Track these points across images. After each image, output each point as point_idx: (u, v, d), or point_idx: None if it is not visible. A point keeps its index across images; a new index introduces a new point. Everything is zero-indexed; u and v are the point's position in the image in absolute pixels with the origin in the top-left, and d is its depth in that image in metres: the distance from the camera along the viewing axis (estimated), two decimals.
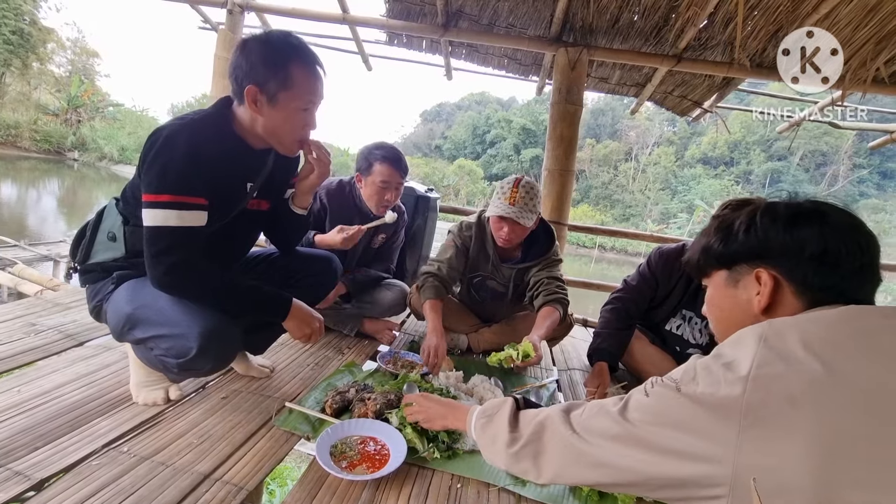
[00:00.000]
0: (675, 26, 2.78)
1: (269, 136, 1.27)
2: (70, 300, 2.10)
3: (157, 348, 1.22)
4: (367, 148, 2.11)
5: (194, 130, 1.16)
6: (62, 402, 1.30)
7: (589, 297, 3.68)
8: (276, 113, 1.22)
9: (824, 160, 33.09)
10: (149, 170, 1.14)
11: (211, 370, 1.34)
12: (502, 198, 1.89)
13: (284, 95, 1.20)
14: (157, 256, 1.15)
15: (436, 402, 1.27)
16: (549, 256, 2.08)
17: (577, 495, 1.23)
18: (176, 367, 1.21)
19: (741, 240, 0.81)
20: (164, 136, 1.14)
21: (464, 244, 2.11)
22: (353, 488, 1.13)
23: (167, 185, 1.13)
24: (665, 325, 2.02)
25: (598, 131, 43.61)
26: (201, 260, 1.19)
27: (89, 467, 1.06)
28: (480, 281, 2.17)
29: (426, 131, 54.97)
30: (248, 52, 1.18)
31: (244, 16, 3.47)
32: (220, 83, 3.40)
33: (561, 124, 3.05)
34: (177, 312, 1.18)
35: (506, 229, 1.91)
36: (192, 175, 1.15)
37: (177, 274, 1.16)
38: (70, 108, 25.77)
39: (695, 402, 0.68)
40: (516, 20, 3.08)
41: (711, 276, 0.88)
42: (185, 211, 1.15)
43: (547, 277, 2.04)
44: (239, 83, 1.20)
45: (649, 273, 2.00)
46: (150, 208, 1.14)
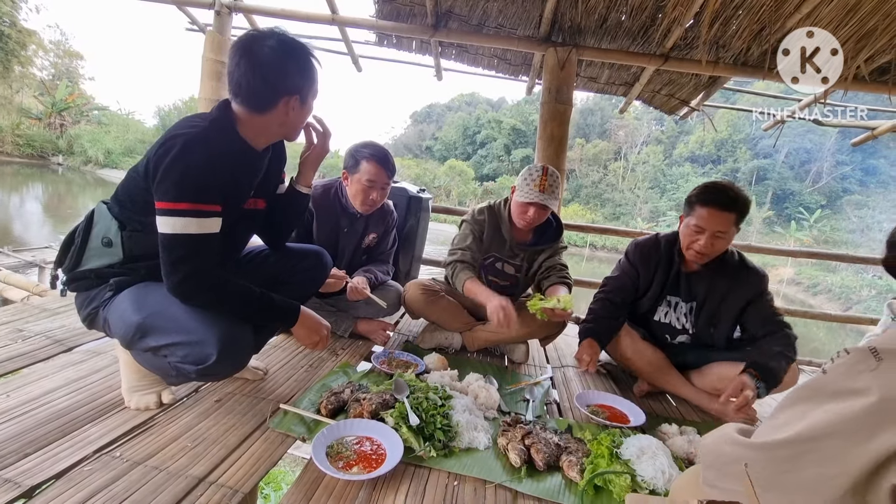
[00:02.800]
0: (662, 26, 2.82)
1: (282, 135, 1.35)
2: (57, 305, 2.06)
3: (172, 356, 1.21)
4: (354, 146, 2.11)
5: (210, 138, 1.18)
6: (52, 407, 1.28)
7: (581, 295, 3.70)
8: (304, 113, 1.32)
9: (808, 157, 33.64)
10: (165, 177, 1.13)
11: (227, 375, 1.36)
12: (532, 185, 2.00)
13: (312, 97, 1.31)
14: (175, 264, 1.16)
15: None
16: (559, 244, 2.24)
17: (573, 489, 1.24)
18: (194, 373, 1.21)
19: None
20: (181, 143, 1.14)
21: (480, 229, 2.21)
22: (350, 488, 1.12)
23: (186, 193, 1.14)
24: (654, 316, 2.05)
25: (588, 131, 43.91)
26: (216, 268, 1.21)
27: (81, 473, 1.05)
28: (492, 262, 2.25)
29: (416, 132, 54.92)
30: (281, 59, 1.21)
31: (232, 17, 3.45)
32: (208, 85, 3.37)
33: (551, 124, 3.07)
34: (191, 320, 1.18)
35: (531, 213, 2.03)
36: (209, 182, 1.17)
37: (194, 282, 1.18)
38: (54, 112, 25.36)
39: None
40: (506, 20, 3.09)
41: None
42: (203, 218, 1.17)
43: (558, 265, 2.20)
44: (271, 90, 1.22)
45: (629, 265, 2.06)
46: (168, 216, 1.14)
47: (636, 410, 1.73)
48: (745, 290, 1.87)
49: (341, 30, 3.53)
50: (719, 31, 2.80)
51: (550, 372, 2.13)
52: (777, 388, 1.73)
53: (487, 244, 2.21)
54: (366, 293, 2.00)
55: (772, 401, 2.22)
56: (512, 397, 1.79)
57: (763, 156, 34.54)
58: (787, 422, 0.71)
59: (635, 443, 1.37)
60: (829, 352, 11.04)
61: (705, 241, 1.77)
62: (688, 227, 1.83)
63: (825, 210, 29.70)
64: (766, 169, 34.01)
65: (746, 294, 1.87)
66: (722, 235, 1.75)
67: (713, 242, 1.76)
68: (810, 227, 28.22)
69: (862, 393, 0.63)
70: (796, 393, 0.73)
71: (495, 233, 2.20)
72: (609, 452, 1.33)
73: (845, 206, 30.64)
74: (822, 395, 0.68)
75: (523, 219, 2.07)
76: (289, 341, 2.02)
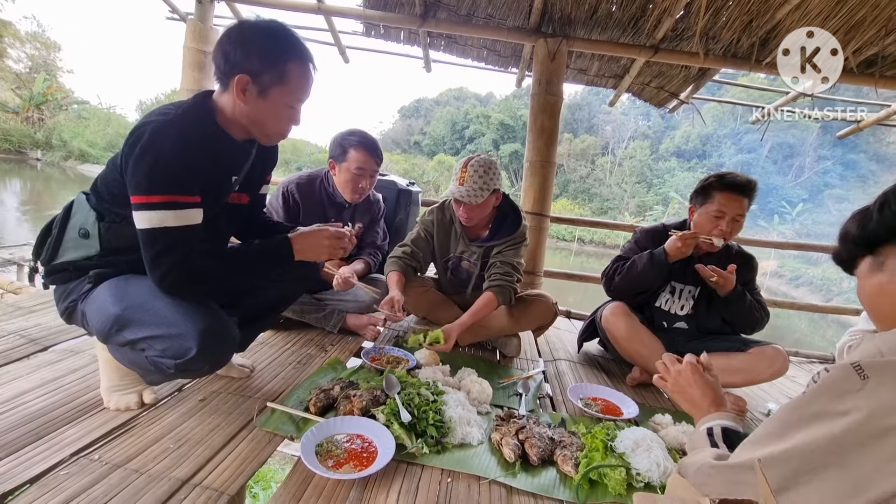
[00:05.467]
0: (653, 17, 2.80)
1: (251, 125, 1.24)
2: (33, 303, 1.99)
3: (150, 349, 1.16)
4: (340, 134, 2.07)
5: (180, 125, 1.12)
6: (26, 409, 1.22)
7: (570, 289, 3.71)
8: (264, 105, 1.19)
9: (791, 152, 34.24)
10: (136, 169, 1.08)
11: (208, 371, 1.28)
12: (454, 179, 1.97)
13: (277, 90, 1.19)
14: (156, 259, 1.12)
15: (701, 387, 1.08)
16: (515, 237, 2.07)
17: (568, 484, 1.23)
18: (173, 367, 1.15)
19: (876, 218, 0.76)
20: (150, 132, 1.08)
21: (426, 230, 2.17)
22: (341, 487, 1.09)
23: (159, 185, 1.09)
24: (655, 301, 2.10)
25: (576, 126, 44.09)
26: (199, 255, 1.16)
27: (57, 478, 1.00)
28: (455, 262, 2.19)
29: (405, 127, 54.56)
30: (244, 40, 1.14)
31: (214, 5, 3.35)
32: (189, 76, 3.27)
33: (541, 116, 3.05)
34: (172, 312, 1.13)
35: (461, 210, 1.99)
36: (182, 172, 1.11)
37: (178, 273, 1.14)
38: (31, 106, 24.63)
39: None
40: (495, 11, 3.05)
41: (858, 266, 0.82)
42: (180, 210, 1.11)
43: (500, 262, 2.03)
44: (228, 69, 1.15)
45: (638, 248, 2.09)
46: (143, 210, 1.09)
47: (629, 402, 1.73)
48: (742, 272, 1.97)
49: (328, 19, 3.45)
50: (710, 21, 2.79)
51: (542, 366, 2.12)
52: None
53: (443, 243, 2.17)
54: (352, 282, 1.97)
55: (759, 391, 2.24)
56: (504, 392, 1.77)
57: (747, 150, 35.08)
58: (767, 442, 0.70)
59: (629, 435, 1.36)
60: (811, 342, 11.28)
61: (726, 225, 1.87)
62: (706, 215, 1.91)
63: (807, 204, 30.31)
64: (751, 163, 34.54)
65: (743, 276, 1.98)
66: (739, 218, 1.89)
67: (733, 226, 1.88)
68: (792, 221, 28.77)
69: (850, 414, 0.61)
70: (775, 419, 0.72)
71: (447, 232, 2.16)
72: (603, 446, 1.31)
73: (826, 199, 31.29)
74: (804, 418, 0.66)
75: (459, 216, 2.03)
76: (276, 337, 1.97)
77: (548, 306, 2.18)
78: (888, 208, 0.74)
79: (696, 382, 1.08)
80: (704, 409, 1.04)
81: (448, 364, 1.84)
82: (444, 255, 2.19)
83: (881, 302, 0.77)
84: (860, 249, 0.80)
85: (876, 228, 0.76)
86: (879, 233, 0.76)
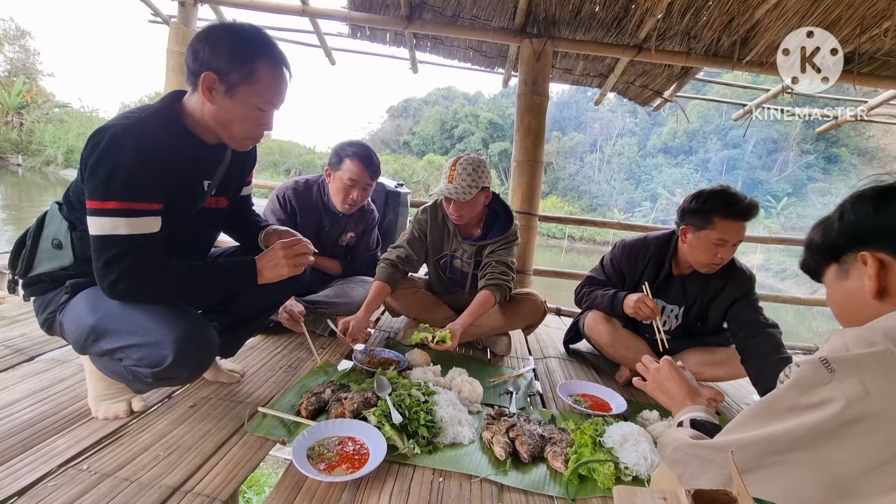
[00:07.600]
0: (635, 17, 2.84)
1: (218, 128, 1.19)
2: (17, 313, 1.96)
3: (127, 359, 1.14)
4: (340, 144, 2.09)
5: (141, 129, 1.09)
6: (13, 420, 1.21)
7: (561, 286, 3.73)
8: (231, 105, 1.15)
9: (775, 147, 34.74)
10: (93, 175, 1.06)
11: (188, 378, 1.26)
12: (443, 177, 1.98)
13: (245, 90, 1.14)
14: (106, 266, 1.08)
15: (677, 381, 1.14)
16: (507, 236, 2.09)
17: (558, 480, 1.25)
18: (150, 376, 1.13)
19: (837, 227, 0.79)
20: (108, 136, 1.06)
21: (420, 229, 2.16)
22: (333, 490, 1.10)
23: (114, 192, 1.05)
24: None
25: (564, 124, 44.28)
26: (155, 265, 1.13)
27: (45, 489, 0.99)
28: (447, 261, 2.20)
29: (393, 127, 54.35)
30: (212, 38, 1.11)
31: (197, 8, 3.32)
32: (173, 79, 3.24)
33: (528, 115, 3.07)
34: (148, 320, 1.12)
35: (451, 207, 2.00)
36: (141, 179, 1.08)
37: (128, 283, 1.09)
38: (11, 111, 24.10)
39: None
40: (480, 11, 3.06)
41: (825, 273, 0.85)
42: (134, 218, 1.08)
43: (495, 261, 2.05)
44: (196, 67, 1.12)
45: (612, 269, 2.06)
46: (96, 216, 1.06)
47: (618, 398, 1.76)
48: (734, 288, 1.88)
49: (313, 21, 3.44)
50: (691, 21, 2.84)
51: (533, 363, 2.14)
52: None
53: (437, 242, 2.17)
54: (300, 329, 1.85)
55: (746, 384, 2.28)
56: (495, 390, 1.79)
57: (733, 146, 35.51)
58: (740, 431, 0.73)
59: (618, 430, 1.38)
60: (798, 334, 11.47)
61: (726, 253, 1.75)
62: (705, 241, 1.75)
63: (791, 198, 30.79)
64: (736, 159, 34.99)
65: (735, 293, 1.88)
66: (738, 243, 1.77)
67: (732, 251, 1.77)
68: (778, 215, 29.21)
69: (820, 406, 0.63)
70: (749, 411, 0.74)
71: (441, 231, 2.16)
72: (592, 441, 1.34)
73: (810, 193, 31.81)
74: (777, 411, 0.68)
75: (450, 214, 2.04)
76: (266, 342, 1.97)
77: (537, 305, 2.20)
78: (847, 217, 0.77)
79: (672, 377, 1.15)
80: (680, 400, 1.09)
81: (439, 364, 1.85)
82: (438, 253, 2.19)
83: (849, 307, 0.79)
84: (825, 258, 0.83)
85: (837, 237, 0.79)
86: (841, 241, 0.79)
